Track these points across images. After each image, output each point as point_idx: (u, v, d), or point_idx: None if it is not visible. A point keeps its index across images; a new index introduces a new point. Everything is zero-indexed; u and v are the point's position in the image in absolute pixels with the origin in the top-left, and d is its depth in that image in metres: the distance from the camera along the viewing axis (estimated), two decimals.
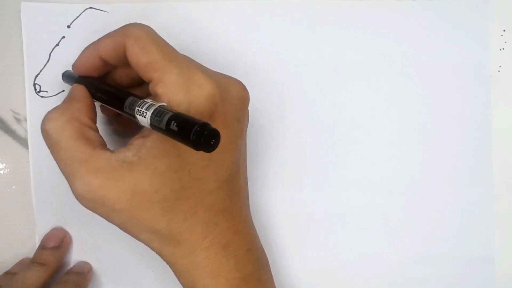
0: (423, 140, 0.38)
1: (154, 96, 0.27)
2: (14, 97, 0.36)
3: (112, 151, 0.27)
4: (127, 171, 0.26)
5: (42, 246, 0.36)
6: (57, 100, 0.36)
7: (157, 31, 0.29)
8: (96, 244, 0.37)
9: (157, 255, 0.30)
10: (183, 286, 0.30)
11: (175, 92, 0.26)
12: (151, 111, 0.25)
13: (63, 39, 0.36)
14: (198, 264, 0.29)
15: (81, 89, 0.30)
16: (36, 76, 0.36)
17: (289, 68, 0.37)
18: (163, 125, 0.23)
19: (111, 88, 0.30)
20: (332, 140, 0.37)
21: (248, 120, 0.32)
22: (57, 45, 0.36)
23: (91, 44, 0.30)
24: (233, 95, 0.29)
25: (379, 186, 0.38)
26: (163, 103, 0.26)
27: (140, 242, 0.29)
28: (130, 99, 0.27)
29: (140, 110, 0.25)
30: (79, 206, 0.36)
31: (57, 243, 0.36)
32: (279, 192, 0.37)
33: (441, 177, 0.38)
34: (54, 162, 0.36)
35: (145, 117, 0.25)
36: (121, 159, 0.26)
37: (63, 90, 0.36)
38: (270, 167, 0.37)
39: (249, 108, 0.30)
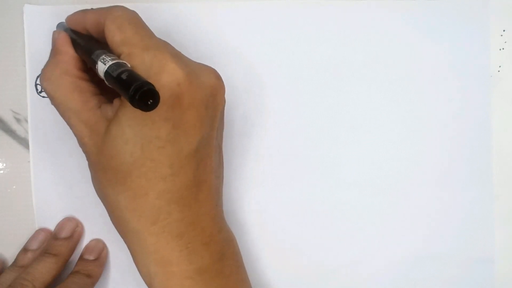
0: (423, 140, 0.38)
1: None
2: (14, 97, 0.36)
3: (100, 105, 0.29)
4: (103, 127, 0.28)
5: (54, 236, 0.35)
6: None
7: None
8: None
9: None
10: (142, 277, 0.30)
11: (136, 65, 0.27)
12: (114, 62, 0.26)
13: None
14: (147, 250, 0.28)
15: (62, 40, 0.31)
16: (38, 77, 0.36)
17: (288, 68, 0.37)
18: (115, 73, 0.25)
19: (89, 38, 0.31)
20: (332, 139, 0.37)
21: (223, 113, 0.32)
22: None
23: (81, 12, 0.31)
24: (203, 81, 0.28)
25: (378, 186, 0.38)
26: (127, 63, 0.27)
27: None
28: (102, 51, 0.28)
29: (105, 59, 0.27)
30: (78, 207, 0.36)
31: (69, 233, 0.36)
32: (277, 192, 0.37)
33: (441, 177, 0.38)
34: (54, 162, 0.36)
35: (105, 64, 0.26)
36: (103, 114, 0.29)
37: None
38: (270, 167, 0.37)
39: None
